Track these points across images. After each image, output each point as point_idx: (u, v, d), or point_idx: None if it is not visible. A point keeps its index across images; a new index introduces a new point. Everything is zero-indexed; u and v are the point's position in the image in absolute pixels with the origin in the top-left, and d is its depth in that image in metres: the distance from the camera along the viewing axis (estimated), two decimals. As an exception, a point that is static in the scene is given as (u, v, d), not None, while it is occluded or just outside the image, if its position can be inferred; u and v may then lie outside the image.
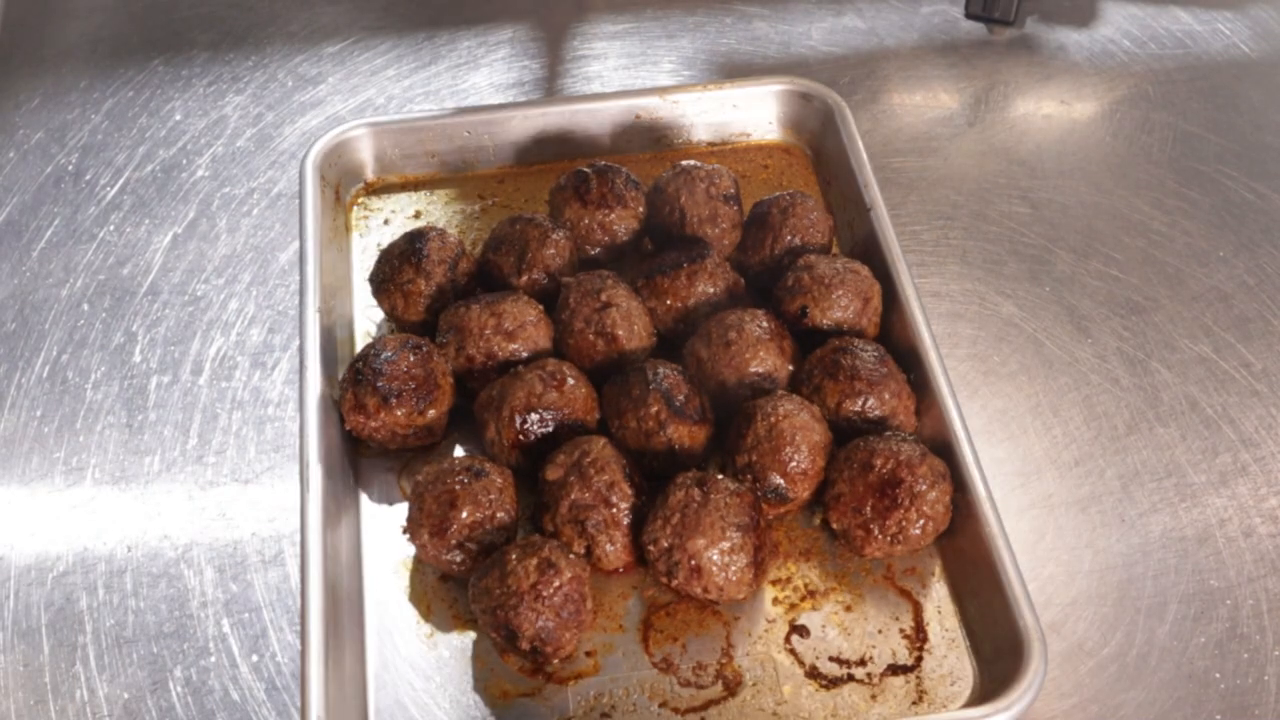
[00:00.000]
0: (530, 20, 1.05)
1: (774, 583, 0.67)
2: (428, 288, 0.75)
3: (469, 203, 0.87)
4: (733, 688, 0.63)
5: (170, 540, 0.70)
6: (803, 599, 0.66)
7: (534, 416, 0.69)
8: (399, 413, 0.69)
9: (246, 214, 0.88)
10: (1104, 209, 0.88)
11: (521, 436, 0.68)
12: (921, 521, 0.65)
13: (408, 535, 0.66)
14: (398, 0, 1.07)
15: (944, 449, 0.69)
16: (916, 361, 0.72)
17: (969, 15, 1.01)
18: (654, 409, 0.68)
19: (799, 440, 0.66)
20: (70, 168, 0.91)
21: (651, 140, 0.90)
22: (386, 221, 0.86)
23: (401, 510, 0.69)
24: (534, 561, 0.61)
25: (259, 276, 0.84)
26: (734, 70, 0.99)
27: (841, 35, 1.02)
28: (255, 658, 0.65)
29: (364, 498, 0.71)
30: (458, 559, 0.65)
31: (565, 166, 0.86)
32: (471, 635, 0.65)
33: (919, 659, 0.64)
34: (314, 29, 1.04)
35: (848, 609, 0.66)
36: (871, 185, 0.81)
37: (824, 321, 0.74)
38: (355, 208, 0.86)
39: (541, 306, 0.75)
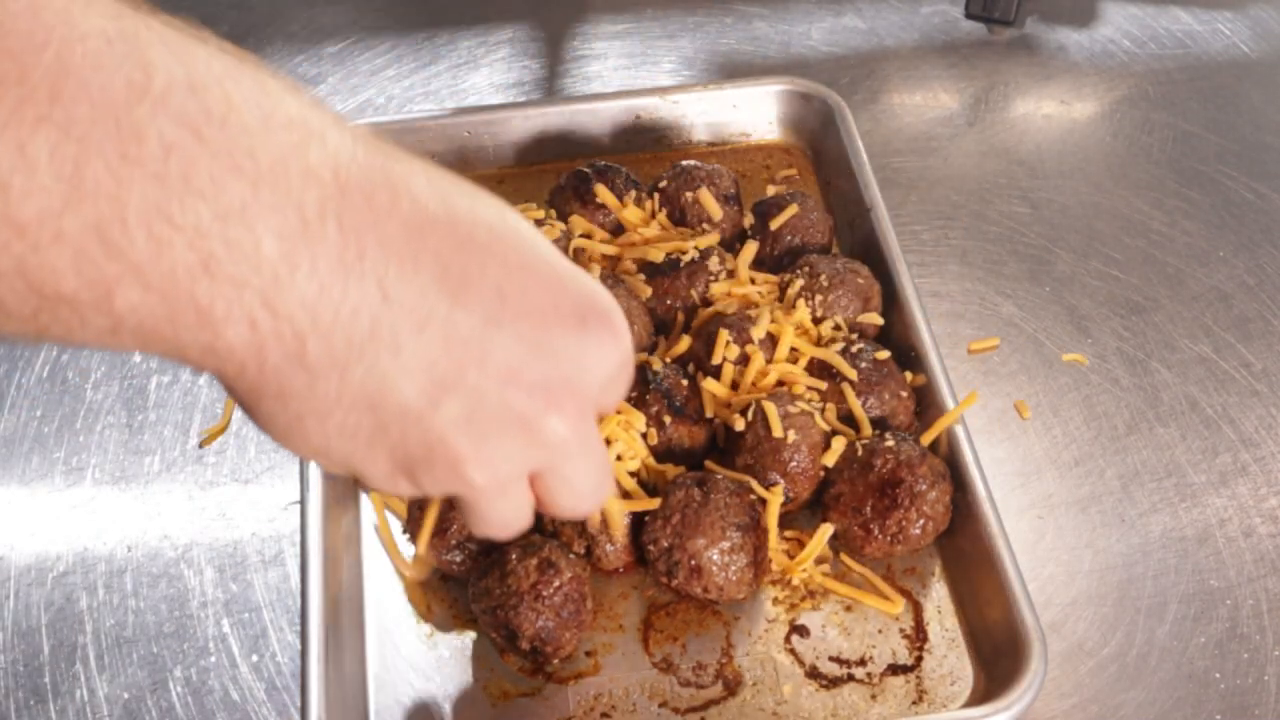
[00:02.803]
0: (530, 20, 1.05)
1: (774, 583, 0.67)
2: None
3: (469, 203, 0.87)
4: (733, 688, 0.63)
5: (170, 540, 0.70)
6: (803, 599, 0.66)
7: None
8: (399, 413, 0.69)
9: (246, 214, 0.88)
10: (1104, 209, 0.88)
11: (521, 436, 0.68)
12: (921, 521, 0.65)
13: (408, 535, 0.66)
14: (398, 0, 1.07)
15: (944, 449, 0.69)
16: (916, 361, 0.72)
17: (969, 15, 1.01)
18: (654, 409, 0.68)
19: (799, 440, 0.66)
20: (70, 168, 0.91)
21: (651, 140, 0.90)
22: (386, 221, 0.86)
23: (401, 510, 0.69)
24: (534, 561, 0.61)
25: (259, 276, 0.83)
26: (734, 70, 0.99)
27: (841, 35, 1.02)
28: (255, 658, 0.65)
29: (364, 498, 0.71)
30: (458, 559, 0.65)
31: (565, 166, 0.86)
32: (471, 635, 0.65)
33: (919, 659, 0.64)
34: (314, 29, 1.04)
35: (848, 609, 0.66)
36: (871, 185, 0.81)
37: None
38: (355, 208, 0.86)
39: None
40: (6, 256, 0.31)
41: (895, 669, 0.64)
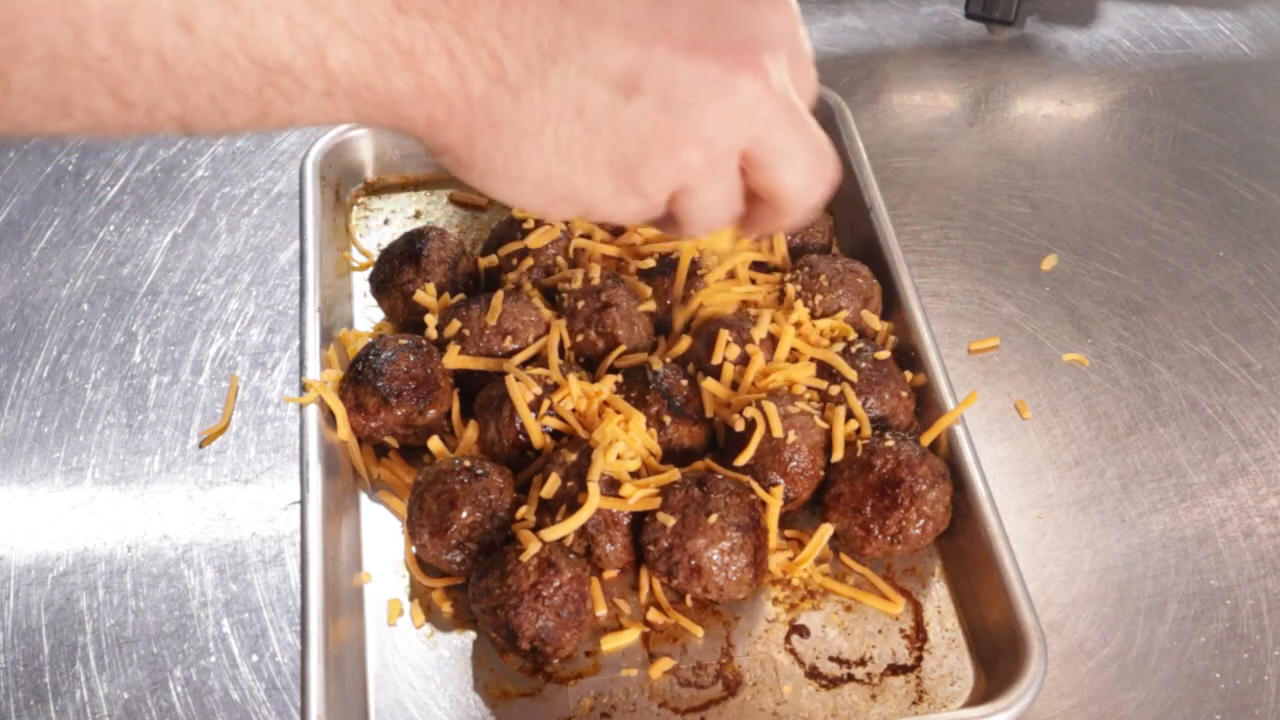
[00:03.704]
0: (530, 20, 1.04)
1: (774, 583, 0.67)
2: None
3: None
4: (733, 688, 0.63)
5: (170, 540, 0.70)
6: (803, 599, 0.66)
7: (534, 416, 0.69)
8: (399, 413, 0.69)
9: (246, 214, 0.88)
10: (1104, 209, 0.88)
11: (521, 436, 0.68)
12: (921, 521, 0.65)
13: (407, 534, 0.66)
14: (398, 0, 1.06)
15: (944, 449, 0.69)
16: (916, 361, 0.72)
17: (969, 15, 1.01)
18: (654, 409, 0.68)
19: (799, 440, 0.66)
20: (70, 168, 0.91)
21: (651, 140, 0.90)
22: (386, 221, 0.86)
23: (401, 510, 0.69)
24: (534, 561, 0.61)
25: (259, 276, 0.84)
26: (734, 70, 0.99)
27: (841, 35, 1.02)
28: (255, 658, 0.65)
29: (364, 498, 0.71)
30: (457, 559, 0.65)
31: (565, 166, 0.86)
32: (471, 635, 0.65)
33: (919, 659, 0.64)
34: (314, 29, 1.03)
35: (848, 609, 0.66)
36: (871, 185, 0.81)
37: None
38: (355, 208, 0.87)
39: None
40: (228, 34, 0.34)
41: (895, 669, 0.64)
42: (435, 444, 0.70)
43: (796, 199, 0.50)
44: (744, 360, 0.70)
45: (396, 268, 0.76)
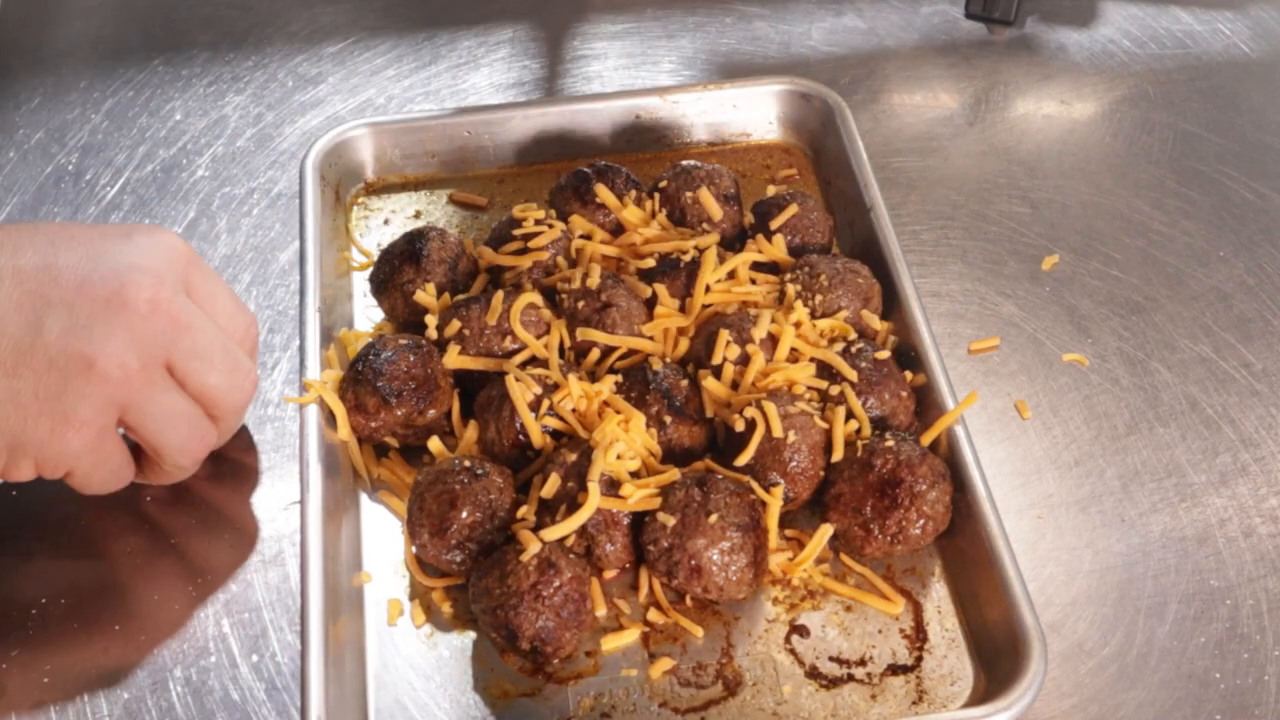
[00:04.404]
0: (530, 20, 1.05)
1: (774, 583, 0.67)
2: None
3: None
4: (733, 688, 0.63)
5: (171, 540, 0.70)
6: (803, 599, 0.66)
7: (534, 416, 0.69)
8: (399, 413, 0.69)
9: (246, 214, 0.88)
10: (1104, 209, 0.88)
11: (521, 436, 0.68)
12: (921, 521, 0.65)
13: (407, 534, 0.66)
14: (398, 0, 1.06)
15: (944, 449, 0.69)
16: (916, 361, 0.72)
17: (969, 15, 1.01)
18: (654, 409, 0.68)
19: (799, 440, 0.66)
20: (70, 168, 0.91)
21: (651, 140, 0.90)
22: (386, 221, 0.86)
23: (401, 510, 0.69)
24: (534, 561, 0.61)
25: (259, 276, 0.84)
26: (734, 70, 0.99)
27: (841, 35, 1.02)
28: (255, 658, 0.65)
29: (364, 498, 0.71)
30: (458, 559, 0.65)
31: (565, 166, 0.86)
32: (471, 635, 0.65)
33: (919, 659, 0.64)
34: (314, 29, 1.04)
35: (848, 609, 0.66)
36: (871, 185, 0.81)
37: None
38: (355, 208, 0.87)
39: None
40: None
41: (895, 669, 0.64)
42: (435, 444, 0.70)
43: (221, 397, 0.59)
44: (744, 360, 0.70)
45: (396, 268, 0.76)
